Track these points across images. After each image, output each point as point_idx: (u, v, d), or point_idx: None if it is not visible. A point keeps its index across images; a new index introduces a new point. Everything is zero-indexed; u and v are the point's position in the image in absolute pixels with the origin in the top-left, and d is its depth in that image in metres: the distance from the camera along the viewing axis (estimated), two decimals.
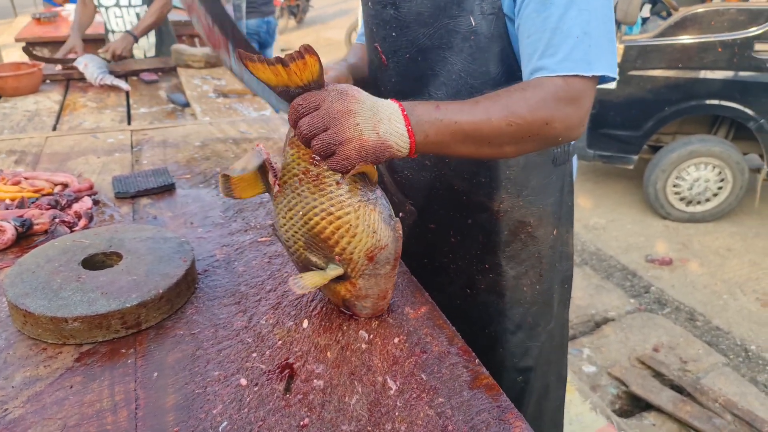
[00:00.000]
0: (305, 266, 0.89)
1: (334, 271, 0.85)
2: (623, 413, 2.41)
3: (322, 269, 0.87)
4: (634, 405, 2.46)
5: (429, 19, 1.02)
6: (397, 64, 1.10)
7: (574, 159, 1.22)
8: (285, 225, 0.87)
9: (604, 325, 2.96)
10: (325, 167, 0.81)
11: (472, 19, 0.98)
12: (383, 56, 1.12)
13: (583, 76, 0.88)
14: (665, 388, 2.47)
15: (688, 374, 2.58)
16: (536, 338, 1.23)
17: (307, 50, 0.75)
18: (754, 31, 3.48)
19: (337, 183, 0.81)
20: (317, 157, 0.81)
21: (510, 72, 1.01)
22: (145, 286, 0.92)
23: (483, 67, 1.01)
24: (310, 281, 0.84)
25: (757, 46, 3.48)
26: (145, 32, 3.06)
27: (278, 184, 0.86)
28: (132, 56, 3.17)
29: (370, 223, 0.82)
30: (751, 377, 2.59)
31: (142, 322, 0.90)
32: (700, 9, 3.60)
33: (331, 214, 0.82)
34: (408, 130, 0.80)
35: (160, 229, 1.10)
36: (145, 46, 3.27)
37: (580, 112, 0.89)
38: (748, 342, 2.82)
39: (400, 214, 1.30)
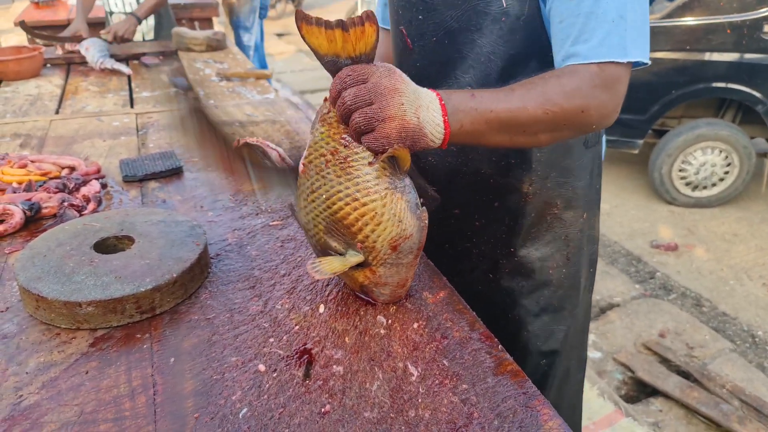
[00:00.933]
0: (324, 250, 0.86)
1: (354, 257, 0.83)
2: (629, 399, 2.41)
3: (341, 254, 0.84)
4: (640, 391, 2.46)
5: (458, 1, 0.99)
6: (423, 48, 1.08)
7: (603, 140, 1.20)
8: (306, 207, 0.84)
9: (609, 311, 2.96)
10: (356, 149, 0.78)
11: (503, 0, 0.95)
12: (408, 40, 1.10)
13: (618, 62, 0.86)
14: (672, 374, 2.47)
15: (695, 360, 2.57)
16: (562, 322, 1.22)
17: (369, 18, 0.72)
18: (763, 12, 3.43)
19: (370, 163, 0.78)
20: (348, 138, 0.78)
21: (542, 53, 0.98)
22: (159, 270, 0.90)
23: (513, 49, 0.98)
24: (329, 267, 0.82)
25: (767, 28, 3.43)
26: (149, 14, 3.04)
27: (303, 164, 0.83)
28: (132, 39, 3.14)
29: (396, 211, 0.80)
30: (758, 363, 2.59)
31: (157, 307, 0.88)
32: None
33: (356, 200, 0.79)
34: (444, 120, 0.78)
35: (171, 213, 1.08)
36: (144, 29, 3.23)
37: (616, 99, 0.87)
38: (755, 328, 2.81)
39: (421, 200, 1.28)
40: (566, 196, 1.13)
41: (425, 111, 0.77)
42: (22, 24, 3.08)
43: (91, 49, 2.66)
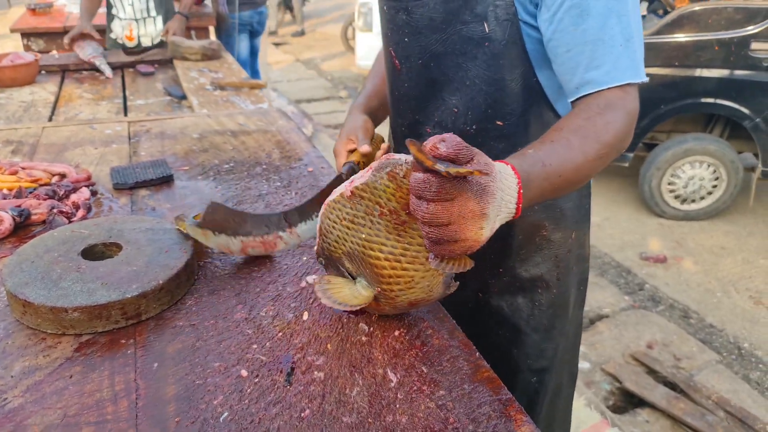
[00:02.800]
0: (331, 262, 0.87)
1: (366, 292, 0.82)
2: (617, 409, 2.42)
3: (351, 277, 0.84)
4: (627, 401, 2.47)
5: (442, 25, 1.00)
6: (410, 69, 1.09)
7: None
8: (337, 224, 0.81)
9: (598, 322, 2.98)
10: (415, 223, 0.74)
11: (486, 25, 0.97)
12: (396, 61, 1.11)
13: (633, 84, 0.89)
14: (659, 384, 2.49)
15: (682, 371, 2.60)
16: (553, 340, 1.22)
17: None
18: (751, 29, 3.49)
19: (421, 237, 0.74)
20: (413, 207, 0.68)
21: (525, 77, 1.00)
22: (146, 276, 0.92)
23: (497, 74, 1.00)
24: (339, 295, 0.81)
25: (754, 45, 3.49)
26: (190, 8, 3.30)
27: (351, 190, 0.77)
28: (139, 39, 3.23)
29: (431, 284, 0.80)
30: (743, 375, 2.61)
31: (142, 313, 0.90)
32: (697, 7, 3.61)
33: (398, 261, 0.77)
34: (517, 207, 0.74)
35: (159, 220, 1.10)
36: (153, 33, 3.27)
37: (635, 120, 0.90)
38: (741, 340, 2.84)
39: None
40: (554, 217, 1.14)
41: (504, 212, 0.72)
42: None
43: (87, 48, 2.76)
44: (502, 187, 0.70)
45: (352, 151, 1.18)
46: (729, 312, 3.05)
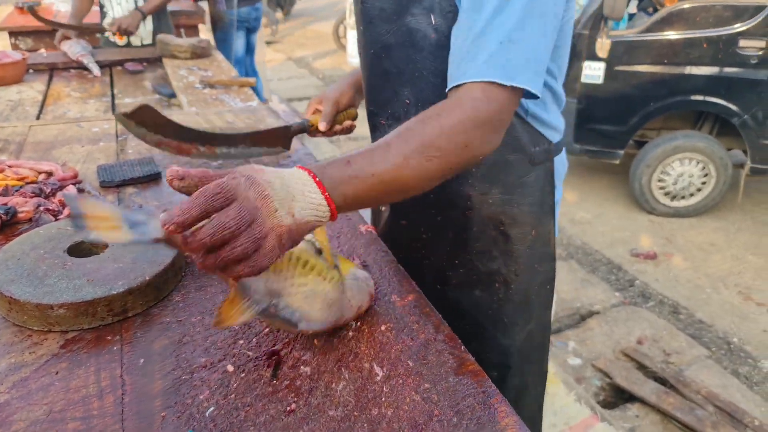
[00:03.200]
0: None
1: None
2: (607, 405, 2.44)
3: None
4: (617, 396, 2.49)
5: (392, 16, 1.00)
6: (366, 59, 1.10)
7: (562, 157, 1.20)
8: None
9: (589, 318, 3.00)
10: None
11: (432, 17, 0.97)
12: (359, 48, 1.13)
13: (501, 85, 0.83)
14: (648, 380, 2.51)
15: (671, 366, 2.62)
16: (512, 337, 1.22)
17: None
18: (738, 27, 3.52)
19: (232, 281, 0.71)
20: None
21: None
22: (132, 273, 0.92)
23: (444, 65, 0.96)
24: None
25: (742, 43, 3.52)
26: (154, 11, 3.14)
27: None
28: (129, 39, 3.19)
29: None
30: (732, 370, 2.64)
31: (129, 310, 0.89)
32: (686, 5, 3.64)
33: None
34: (325, 198, 0.71)
35: None
36: (143, 34, 3.26)
37: (496, 124, 0.85)
38: (730, 335, 2.87)
39: (382, 208, 1.31)
40: (512, 212, 1.13)
41: (300, 200, 0.68)
42: (31, 10, 3.14)
43: (75, 46, 2.75)
44: (280, 175, 0.68)
45: (316, 112, 1.34)
46: (718, 308, 3.08)
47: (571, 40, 1.08)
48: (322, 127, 1.31)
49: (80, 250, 1.00)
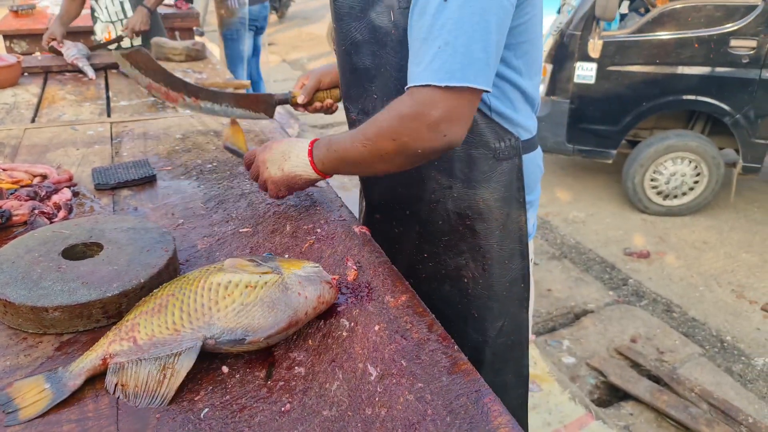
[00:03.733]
0: None
1: None
2: (601, 403, 2.45)
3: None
4: (612, 395, 2.51)
5: (360, 14, 1.05)
6: (339, 56, 1.16)
7: (535, 157, 1.20)
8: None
9: (583, 317, 3.01)
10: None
11: (392, 13, 1.01)
12: (335, 47, 1.18)
13: (436, 87, 0.90)
14: (642, 378, 2.52)
15: (665, 364, 2.64)
16: (483, 333, 1.22)
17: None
18: (729, 27, 3.54)
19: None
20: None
21: None
22: (126, 275, 0.92)
23: (404, 60, 1.01)
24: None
25: (733, 42, 3.55)
26: (157, 5, 3.10)
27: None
28: (119, 40, 3.18)
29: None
30: (726, 367, 2.66)
31: (123, 312, 0.90)
32: (677, 5, 3.66)
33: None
34: (310, 159, 1.06)
35: (141, 220, 1.10)
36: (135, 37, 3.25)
37: (430, 123, 0.91)
38: (724, 333, 2.89)
39: (361, 205, 1.36)
40: (477, 207, 1.14)
41: (293, 159, 1.08)
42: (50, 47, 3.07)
43: (72, 49, 2.75)
44: (286, 145, 1.11)
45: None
46: (711, 305, 3.10)
47: (542, 37, 1.10)
48: (300, 99, 1.37)
49: (74, 253, 1.00)
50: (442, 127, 0.92)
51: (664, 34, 3.69)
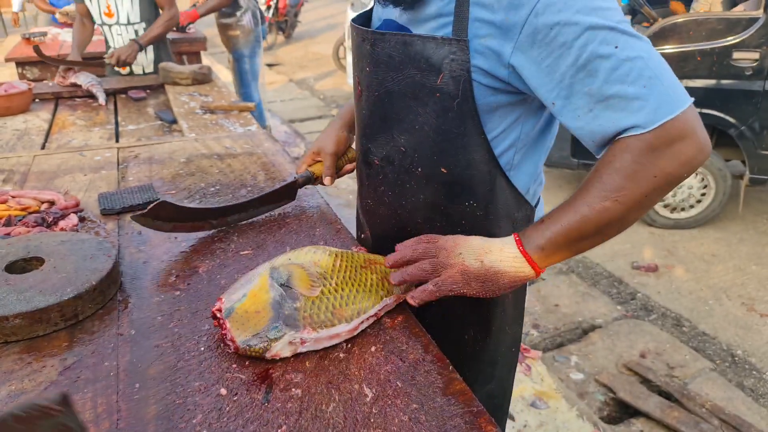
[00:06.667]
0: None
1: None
2: (611, 420, 2.43)
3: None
4: (622, 411, 2.48)
5: (399, 65, 0.99)
6: (368, 99, 1.10)
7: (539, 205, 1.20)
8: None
9: (591, 332, 3.00)
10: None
11: (439, 76, 0.96)
12: (360, 87, 1.12)
13: (672, 118, 0.83)
14: (653, 394, 2.50)
15: (675, 380, 2.61)
16: (467, 347, 1.21)
17: None
18: (731, 39, 3.55)
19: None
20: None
21: (474, 134, 1.00)
22: (78, 280, 0.99)
23: (445, 125, 0.99)
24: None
25: (736, 55, 3.55)
26: (151, 42, 3.20)
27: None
28: (131, 68, 3.27)
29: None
30: (737, 382, 2.62)
31: (79, 314, 0.97)
32: (679, 19, 3.68)
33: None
34: (521, 251, 0.91)
35: (74, 233, 1.17)
36: (144, 62, 3.34)
37: (693, 143, 0.84)
38: (735, 347, 2.86)
39: (362, 235, 1.34)
40: (466, 211, 1.09)
41: (496, 253, 0.92)
42: (36, 49, 3.18)
43: (88, 76, 2.84)
44: (482, 240, 0.95)
45: (316, 162, 1.37)
46: (722, 319, 3.07)
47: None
48: (327, 182, 1.34)
49: (15, 269, 1.05)
50: (703, 144, 0.86)
51: (666, 48, 3.71)
